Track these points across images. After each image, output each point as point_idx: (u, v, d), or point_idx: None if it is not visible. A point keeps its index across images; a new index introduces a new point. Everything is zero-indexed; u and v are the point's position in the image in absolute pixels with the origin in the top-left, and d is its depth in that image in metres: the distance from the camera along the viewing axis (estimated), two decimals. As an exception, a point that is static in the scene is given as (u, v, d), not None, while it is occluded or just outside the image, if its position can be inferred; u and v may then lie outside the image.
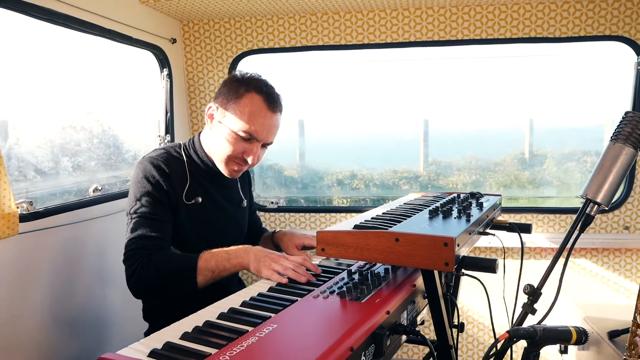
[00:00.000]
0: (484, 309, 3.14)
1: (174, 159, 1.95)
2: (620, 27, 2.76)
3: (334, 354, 1.03)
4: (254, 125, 1.86)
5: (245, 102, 1.86)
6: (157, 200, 1.84)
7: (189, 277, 1.71)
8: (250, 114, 1.85)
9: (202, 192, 1.99)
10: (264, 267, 1.66)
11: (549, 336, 1.20)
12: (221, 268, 1.72)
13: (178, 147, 2.02)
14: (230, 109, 1.87)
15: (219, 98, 1.92)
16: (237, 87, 1.88)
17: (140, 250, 1.77)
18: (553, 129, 3.55)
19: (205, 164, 2.00)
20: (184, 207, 1.92)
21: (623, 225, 3.00)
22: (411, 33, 2.91)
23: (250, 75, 1.93)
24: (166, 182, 1.86)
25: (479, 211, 1.72)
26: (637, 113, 1.33)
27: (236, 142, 1.88)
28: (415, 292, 1.48)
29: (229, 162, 1.94)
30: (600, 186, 1.34)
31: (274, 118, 1.93)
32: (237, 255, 1.73)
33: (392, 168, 3.83)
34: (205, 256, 1.74)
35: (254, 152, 1.91)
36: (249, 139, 1.88)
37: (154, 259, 1.75)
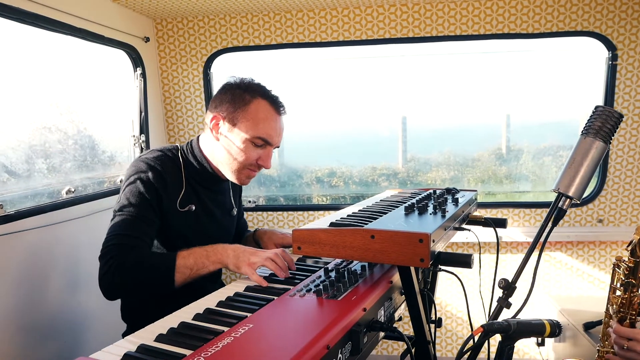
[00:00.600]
0: (462, 304, 3.17)
1: (170, 162, 1.90)
2: (592, 22, 2.80)
3: (310, 352, 1.03)
4: (266, 131, 1.86)
5: (254, 108, 1.84)
6: (146, 202, 1.79)
7: (166, 275, 1.67)
8: (261, 120, 1.84)
9: (196, 199, 1.95)
10: (242, 263, 1.64)
11: (523, 330, 1.21)
12: (200, 266, 1.69)
13: (175, 150, 1.96)
14: (239, 117, 1.84)
15: (222, 106, 1.87)
16: (241, 94, 1.85)
17: (117, 247, 1.71)
18: (529, 124, 3.59)
19: (203, 168, 1.96)
20: (177, 214, 1.87)
21: (597, 219, 3.05)
22: (386, 30, 2.92)
23: (248, 81, 1.91)
24: (161, 185, 1.81)
25: (454, 207, 1.73)
26: (606, 107, 1.35)
27: (250, 150, 1.86)
28: (392, 288, 1.47)
29: (243, 170, 1.91)
30: (572, 180, 1.35)
31: (281, 121, 1.94)
32: (216, 252, 1.71)
33: (371, 165, 3.84)
34: (183, 254, 1.71)
35: (269, 157, 1.92)
36: (262, 145, 1.87)
37: (131, 257, 1.70)
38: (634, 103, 2.86)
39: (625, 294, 1.39)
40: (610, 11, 2.77)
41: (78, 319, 2.40)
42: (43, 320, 2.18)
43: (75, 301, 2.39)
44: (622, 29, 2.79)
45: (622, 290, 1.40)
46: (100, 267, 1.73)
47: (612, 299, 1.44)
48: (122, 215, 1.77)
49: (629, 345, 1.33)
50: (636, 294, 1.38)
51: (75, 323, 2.38)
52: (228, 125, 1.86)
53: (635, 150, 2.93)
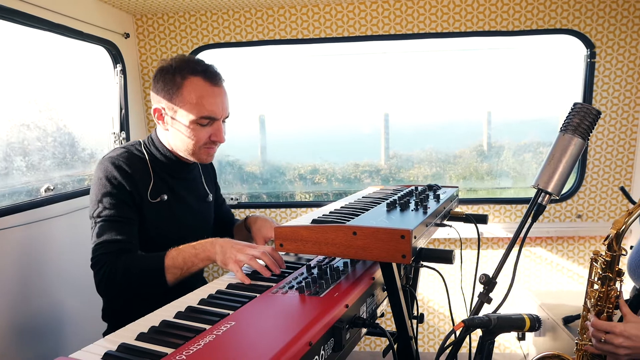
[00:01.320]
0: (444, 300, 3.20)
1: (136, 157, 1.89)
2: (570, 20, 2.84)
3: (293, 349, 1.03)
4: (208, 108, 1.82)
5: (188, 89, 1.81)
6: (121, 202, 1.79)
7: (158, 277, 1.68)
8: (199, 99, 1.81)
9: (167, 189, 1.95)
10: (229, 260, 1.63)
11: (503, 324, 1.22)
12: (189, 264, 1.69)
13: (139, 145, 1.96)
14: (177, 102, 1.81)
15: (158, 95, 1.85)
16: (171, 78, 1.82)
17: (106, 255, 1.73)
18: (510, 121, 3.63)
19: (168, 158, 1.96)
20: (149, 206, 1.87)
21: (576, 214, 3.10)
22: (368, 27, 2.93)
23: (179, 60, 1.85)
24: (129, 182, 1.81)
25: (436, 203, 1.73)
26: (585, 104, 1.37)
27: (199, 131, 1.85)
28: (374, 284, 1.48)
29: (200, 151, 1.90)
30: (551, 176, 1.36)
31: (222, 91, 1.89)
32: (204, 249, 1.70)
33: (353, 162, 3.85)
34: (172, 254, 1.70)
35: (220, 132, 1.89)
36: (208, 122, 1.85)
37: (121, 263, 1.71)
38: (612, 100, 2.91)
39: (603, 288, 1.41)
40: (588, 9, 2.81)
41: (58, 319, 2.37)
42: (22, 320, 2.15)
43: (55, 301, 2.36)
44: (600, 27, 2.83)
45: (600, 284, 1.42)
46: (94, 276, 1.76)
47: (590, 292, 1.46)
48: (102, 220, 1.77)
49: (606, 338, 1.35)
50: (613, 287, 1.41)
51: (55, 323, 2.35)
52: (170, 114, 1.84)
53: (613, 146, 2.98)
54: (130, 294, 1.76)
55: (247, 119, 3.61)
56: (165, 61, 1.88)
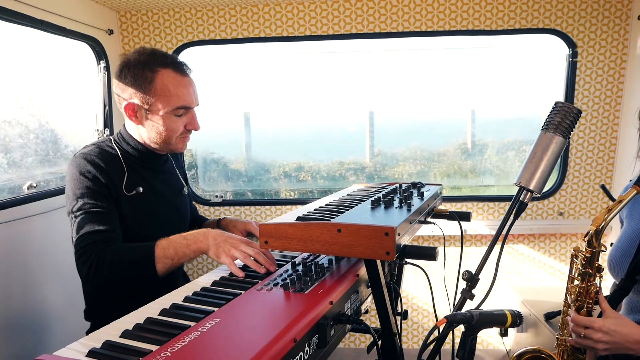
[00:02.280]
0: (428, 297, 3.22)
1: (107, 153, 1.90)
2: (553, 20, 2.87)
3: (277, 345, 1.03)
4: (181, 98, 1.85)
5: (159, 82, 1.82)
6: (98, 194, 1.79)
7: (148, 267, 1.67)
8: (172, 91, 1.83)
9: (142, 182, 1.95)
10: (223, 253, 1.63)
11: (485, 320, 1.24)
12: (180, 255, 1.69)
13: (109, 142, 1.96)
14: (150, 97, 1.83)
15: (128, 91, 1.84)
16: (141, 72, 1.82)
17: (92, 246, 1.71)
18: (494, 119, 3.66)
19: (140, 152, 1.96)
20: (125, 199, 1.87)
21: (557, 212, 3.14)
22: (352, 25, 2.93)
23: (142, 53, 1.86)
24: (103, 175, 1.81)
25: (419, 201, 1.75)
26: (565, 103, 1.39)
27: (175, 122, 1.88)
28: (358, 281, 1.49)
29: (177, 140, 1.94)
30: (533, 174, 1.38)
31: (191, 80, 1.92)
32: (196, 240, 1.70)
33: (338, 160, 3.86)
34: (163, 244, 1.70)
35: (195, 120, 1.94)
36: (183, 112, 1.88)
37: (109, 253, 1.70)
38: (593, 99, 2.95)
39: (583, 284, 1.44)
40: (570, 9, 2.85)
41: (40, 318, 2.35)
42: (3, 319, 2.12)
43: (38, 299, 2.34)
44: (582, 27, 2.87)
45: (580, 280, 1.45)
46: (80, 269, 1.74)
47: (571, 288, 1.49)
48: (83, 213, 1.77)
49: (586, 333, 1.38)
50: (592, 283, 1.43)
51: (37, 322, 2.33)
52: (144, 109, 1.85)
53: (594, 145, 3.02)
54: (120, 283, 1.76)
55: (232, 116, 3.61)
56: (128, 55, 1.87)
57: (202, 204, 3.24)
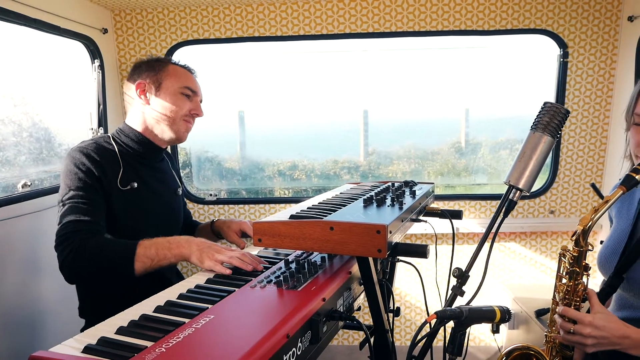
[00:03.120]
0: (420, 294, 3.25)
1: (104, 148, 1.93)
2: (544, 20, 2.90)
3: (271, 341, 1.05)
4: (190, 82, 2.05)
5: (171, 69, 2.03)
6: (89, 187, 1.82)
7: (127, 264, 1.68)
8: (182, 75, 2.04)
9: (137, 178, 1.97)
10: (207, 258, 1.64)
11: (474, 316, 1.26)
12: (161, 257, 1.70)
13: (107, 138, 2.00)
14: (162, 77, 2.00)
15: (142, 75, 2.01)
16: (154, 64, 2.03)
17: (73, 234, 1.72)
18: (487, 118, 3.69)
19: (140, 143, 2.02)
20: (119, 193, 1.89)
21: (549, 210, 3.17)
22: (346, 25, 2.95)
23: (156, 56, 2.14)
24: (98, 168, 1.84)
25: (411, 199, 1.77)
26: (554, 104, 1.41)
27: (182, 101, 2.01)
28: (351, 279, 1.51)
29: (180, 121, 2.03)
30: (522, 173, 1.41)
31: (197, 79, 2.13)
32: (179, 245, 1.71)
33: (332, 158, 3.87)
34: (145, 243, 1.72)
35: (199, 107, 2.08)
36: (190, 95, 2.04)
37: (90, 244, 1.71)
38: (584, 99, 2.98)
39: (570, 282, 1.46)
40: (561, 10, 2.88)
41: (35, 316, 2.36)
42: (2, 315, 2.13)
43: (32, 297, 2.34)
44: (573, 28, 2.90)
45: (568, 278, 1.47)
46: (59, 255, 1.74)
47: (559, 286, 1.51)
48: (71, 202, 1.78)
49: (575, 328, 1.40)
50: (580, 281, 1.45)
51: (31, 319, 2.34)
52: (154, 87, 2.00)
53: (584, 144, 3.05)
54: (95, 277, 1.77)
55: (226, 115, 3.62)
56: (142, 58, 2.11)
57: (196, 202, 3.25)
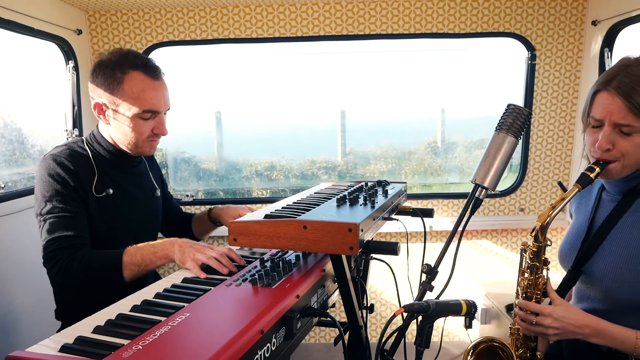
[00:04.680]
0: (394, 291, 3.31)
1: (78, 154, 1.90)
2: (513, 24, 2.98)
3: (245, 337, 1.08)
4: (149, 102, 1.85)
5: (129, 84, 1.82)
6: (67, 197, 1.80)
7: (116, 273, 1.70)
8: (140, 93, 1.83)
9: (113, 184, 1.96)
10: (187, 258, 1.67)
11: (441, 309, 1.31)
12: (147, 262, 1.72)
13: (81, 142, 1.97)
14: (118, 96, 1.83)
15: (98, 91, 1.85)
16: (111, 73, 1.83)
17: (61, 251, 1.74)
18: (462, 118, 3.77)
19: (112, 154, 1.97)
20: (95, 201, 1.89)
21: (519, 208, 3.26)
22: (321, 27, 3.00)
23: (117, 54, 1.87)
24: (72, 178, 1.82)
25: (384, 198, 1.82)
26: (517, 106, 1.47)
27: (142, 125, 1.88)
28: (325, 276, 1.55)
29: (143, 144, 1.94)
30: (487, 172, 1.46)
31: (162, 84, 1.92)
32: (163, 247, 1.74)
33: (310, 158, 3.90)
34: (131, 251, 1.73)
35: (162, 125, 1.93)
36: (151, 116, 1.88)
37: (77, 259, 1.72)
38: (551, 100, 3.08)
39: (531, 276, 1.53)
40: (529, 14, 2.97)
41: (10, 318, 2.35)
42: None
43: (7, 300, 2.33)
44: (540, 31, 2.99)
45: (529, 273, 1.54)
46: (48, 273, 1.77)
47: (521, 281, 1.58)
48: (52, 217, 1.78)
49: (537, 320, 1.47)
50: (540, 275, 1.52)
51: (6, 322, 2.33)
52: (111, 108, 1.86)
53: (552, 144, 3.15)
54: (87, 289, 1.78)
55: (203, 115, 3.62)
56: (103, 55, 1.88)
57: (172, 202, 3.26)
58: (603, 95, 1.44)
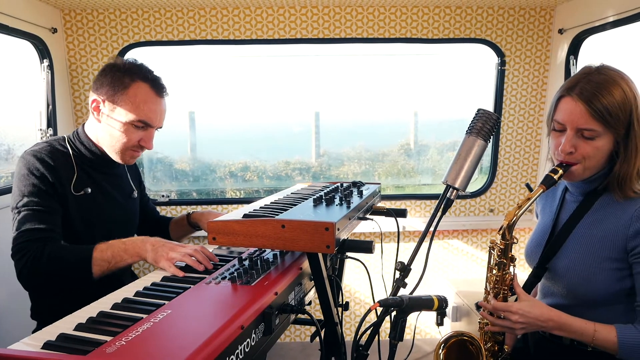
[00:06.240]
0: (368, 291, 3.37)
1: (59, 152, 1.91)
2: (484, 31, 3.08)
3: (226, 332, 1.12)
4: (147, 114, 1.90)
5: (134, 91, 1.88)
6: (44, 193, 1.81)
7: (84, 269, 1.70)
8: (141, 103, 1.88)
9: (91, 183, 1.97)
10: (161, 257, 1.67)
11: (414, 304, 1.38)
12: (118, 259, 1.73)
13: (62, 140, 1.98)
14: (119, 100, 1.87)
15: (102, 89, 1.89)
16: (120, 77, 1.88)
17: (30, 242, 1.73)
18: (435, 121, 3.85)
19: (93, 154, 1.98)
20: (73, 199, 1.89)
21: (488, 208, 3.36)
22: (297, 30, 3.04)
23: (131, 63, 1.93)
24: (52, 174, 1.83)
25: (359, 198, 1.87)
26: (486, 110, 1.55)
27: (131, 132, 1.91)
28: (301, 274, 1.59)
29: (126, 151, 1.96)
30: (458, 173, 1.53)
31: (163, 103, 1.99)
32: (135, 245, 1.74)
33: (284, 159, 3.93)
34: (101, 247, 1.74)
35: (150, 139, 1.98)
36: (143, 127, 1.92)
37: (47, 251, 1.72)
38: (519, 104, 3.18)
39: (499, 272, 1.61)
40: (499, 21, 3.07)
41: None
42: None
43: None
44: (510, 38, 3.09)
45: (497, 269, 1.62)
46: (16, 264, 1.75)
47: (490, 277, 1.65)
48: (26, 210, 1.78)
49: (505, 315, 1.55)
50: (507, 271, 1.60)
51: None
52: (108, 108, 1.90)
53: (520, 147, 3.26)
54: (54, 283, 1.77)
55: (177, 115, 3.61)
56: (118, 59, 1.95)
57: (148, 202, 3.26)
58: (566, 100, 1.52)
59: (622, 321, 1.51)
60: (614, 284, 1.52)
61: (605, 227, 1.54)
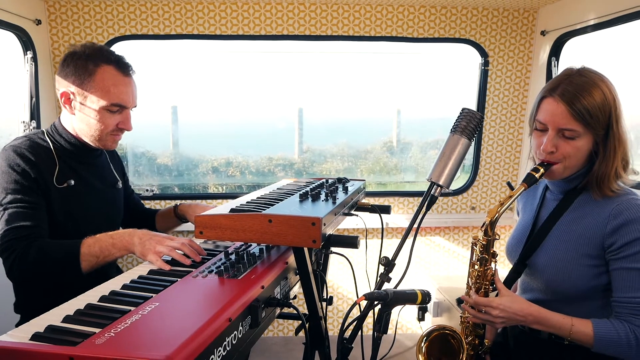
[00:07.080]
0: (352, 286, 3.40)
1: (38, 145, 1.90)
2: (468, 31, 3.12)
3: (214, 324, 1.13)
4: (118, 96, 1.88)
5: (100, 76, 1.85)
6: (27, 189, 1.80)
7: (72, 264, 1.70)
8: (110, 87, 1.86)
9: (74, 175, 1.96)
10: (148, 250, 1.67)
11: (398, 298, 1.40)
12: (106, 253, 1.73)
13: (41, 134, 1.96)
14: (87, 88, 1.85)
15: (67, 79, 1.87)
16: (83, 64, 1.85)
17: (17, 240, 1.73)
18: (418, 119, 3.89)
19: (73, 145, 1.97)
20: (56, 192, 1.88)
21: (470, 206, 3.42)
22: (284, 27, 3.05)
23: (90, 47, 1.89)
24: (33, 169, 1.82)
25: (344, 194, 1.89)
26: (470, 110, 1.58)
27: (107, 118, 1.90)
28: (287, 269, 1.61)
29: (107, 137, 1.95)
30: (442, 171, 1.56)
31: (132, 81, 1.96)
32: (122, 239, 1.74)
33: (267, 155, 3.94)
34: (89, 242, 1.73)
35: (128, 120, 1.96)
36: (118, 110, 1.91)
37: (34, 248, 1.72)
38: (502, 104, 3.24)
39: (481, 268, 1.64)
40: (483, 22, 3.11)
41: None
42: None
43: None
44: (493, 39, 3.14)
45: (479, 265, 1.65)
46: (4, 263, 1.75)
47: (472, 272, 1.69)
48: (10, 208, 1.78)
49: (486, 310, 1.59)
50: (489, 267, 1.64)
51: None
52: (80, 98, 1.88)
53: (502, 145, 3.31)
54: (43, 279, 1.77)
55: (159, 109, 3.59)
56: (75, 47, 1.90)
57: (132, 197, 3.25)
58: (548, 101, 1.56)
59: (599, 316, 1.56)
60: (591, 280, 1.56)
61: (584, 224, 1.58)
